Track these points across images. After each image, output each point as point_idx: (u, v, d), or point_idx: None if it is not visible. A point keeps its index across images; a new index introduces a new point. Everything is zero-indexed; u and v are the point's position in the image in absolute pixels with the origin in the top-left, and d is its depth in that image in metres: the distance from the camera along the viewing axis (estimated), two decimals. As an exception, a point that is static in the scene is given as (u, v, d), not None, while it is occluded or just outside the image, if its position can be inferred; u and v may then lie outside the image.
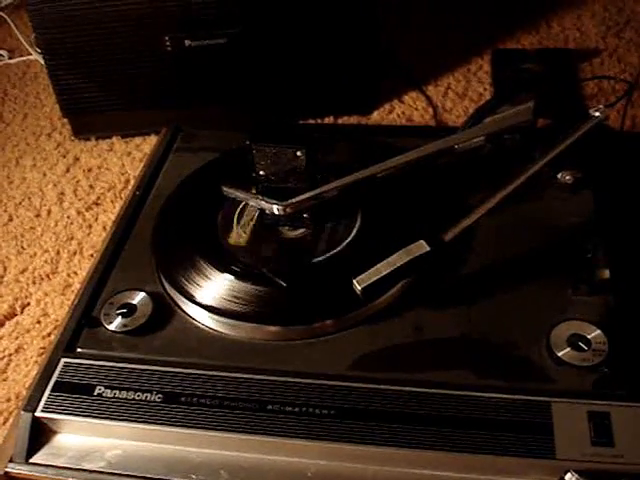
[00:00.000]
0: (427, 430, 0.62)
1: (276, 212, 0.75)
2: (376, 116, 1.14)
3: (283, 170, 0.76)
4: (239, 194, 0.78)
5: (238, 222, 0.79)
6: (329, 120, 1.13)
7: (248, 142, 0.76)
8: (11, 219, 1.04)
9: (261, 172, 0.77)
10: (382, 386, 0.65)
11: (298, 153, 0.74)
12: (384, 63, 1.14)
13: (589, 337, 0.66)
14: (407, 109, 1.15)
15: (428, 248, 0.68)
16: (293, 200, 0.75)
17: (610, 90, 1.14)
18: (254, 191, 0.78)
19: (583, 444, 0.60)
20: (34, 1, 1.02)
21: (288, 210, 0.75)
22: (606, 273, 0.70)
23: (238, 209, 0.81)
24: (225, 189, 0.79)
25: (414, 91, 1.18)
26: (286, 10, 1.03)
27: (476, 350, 0.68)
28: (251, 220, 0.79)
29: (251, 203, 0.77)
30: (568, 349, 0.65)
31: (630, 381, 0.63)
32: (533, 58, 1.19)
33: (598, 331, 0.66)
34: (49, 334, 0.87)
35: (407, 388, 0.64)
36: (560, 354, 0.65)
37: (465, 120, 0.81)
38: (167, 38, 1.04)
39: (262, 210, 0.78)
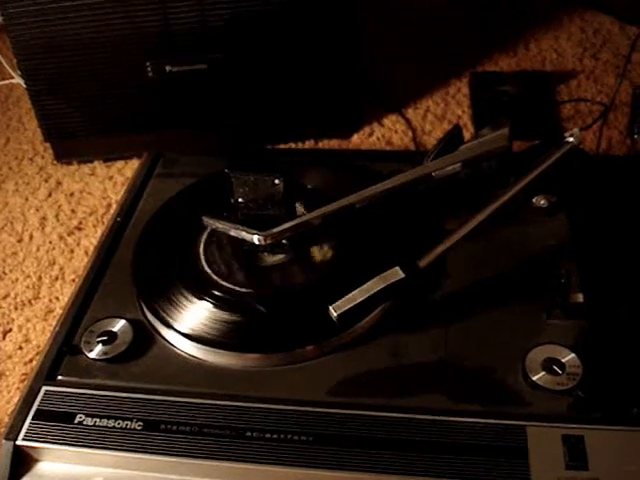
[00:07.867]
0: (404, 455, 0.62)
1: (257, 242, 0.75)
2: (356, 139, 1.15)
3: (261, 198, 0.77)
4: (219, 224, 0.79)
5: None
6: (310, 144, 1.14)
7: (226, 170, 0.76)
8: (-7, 244, 1.04)
9: (240, 199, 0.78)
10: (360, 412, 0.65)
11: (276, 181, 0.75)
12: (363, 87, 1.15)
13: (563, 361, 0.66)
14: (387, 132, 1.16)
15: (403, 275, 0.69)
16: (273, 230, 0.75)
17: (587, 112, 1.16)
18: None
19: (558, 468, 0.60)
20: (15, 26, 1.02)
21: (268, 240, 0.75)
22: (580, 297, 0.71)
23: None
24: (205, 219, 0.80)
25: (393, 114, 1.19)
26: (266, 35, 1.04)
27: (452, 375, 0.68)
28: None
29: (232, 233, 0.77)
30: (543, 373, 0.66)
31: (604, 404, 0.64)
32: (511, 80, 1.21)
33: (572, 355, 0.67)
34: (31, 360, 0.87)
35: (384, 413, 0.65)
36: (535, 378, 0.66)
37: (429, 153, 0.82)
38: (148, 64, 1.05)
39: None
